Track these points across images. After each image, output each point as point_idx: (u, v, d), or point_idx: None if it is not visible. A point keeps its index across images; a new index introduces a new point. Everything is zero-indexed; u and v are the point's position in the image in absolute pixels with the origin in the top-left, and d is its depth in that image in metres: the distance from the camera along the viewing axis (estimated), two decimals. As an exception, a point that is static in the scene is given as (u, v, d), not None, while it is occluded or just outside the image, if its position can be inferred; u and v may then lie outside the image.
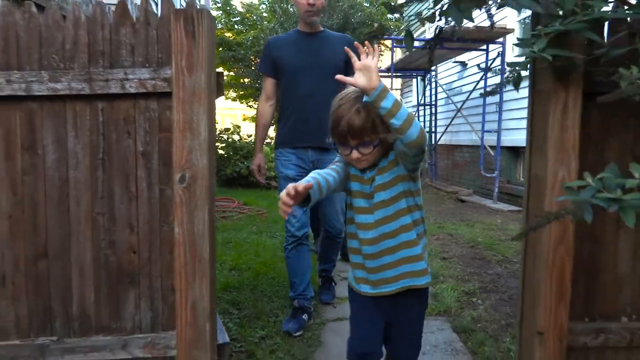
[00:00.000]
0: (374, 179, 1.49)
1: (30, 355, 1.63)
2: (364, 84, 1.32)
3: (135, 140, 1.60)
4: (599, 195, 0.87)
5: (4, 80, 1.54)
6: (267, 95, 2.78)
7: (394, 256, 1.50)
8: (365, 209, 1.52)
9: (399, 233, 1.49)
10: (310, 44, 2.74)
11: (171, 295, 1.66)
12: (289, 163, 2.73)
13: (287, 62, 2.70)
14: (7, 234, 1.62)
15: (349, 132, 1.39)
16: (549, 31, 1.02)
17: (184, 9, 1.49)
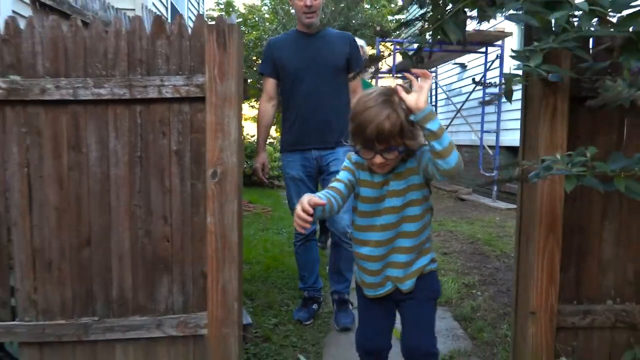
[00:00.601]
0: (388, 184, 1.50)
1: (74, 334, 1.81)
2: (411, 102, 1.32)
3: (169, 140, 1.78)
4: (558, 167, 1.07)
5: (53, 86, 1.72)
6: (268, 95, 2.79)
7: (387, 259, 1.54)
8: (371, 213, 1.53)
9: (400, 237, 1.52)
10: (310, 44, 2.73)
11: (200, 280, 1.84)
12: (295, 164, 2.76)
13: (287, 62, 2.71)
14: (54, 224, 1.80)
15: (377, 137, 1.37)
16: (543, 47, 1.20)
17: (216, 23, 1.67)
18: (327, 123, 2.65)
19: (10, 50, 1.74)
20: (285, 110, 2.79)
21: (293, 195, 2.80)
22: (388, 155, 1.41)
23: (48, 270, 1.82)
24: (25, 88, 1.72)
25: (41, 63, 1.74)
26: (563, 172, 1.21)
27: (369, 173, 1.54)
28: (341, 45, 2.76)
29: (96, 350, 1.85)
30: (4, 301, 1.83)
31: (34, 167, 1.78)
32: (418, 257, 1.56)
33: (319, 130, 2.66)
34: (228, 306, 1.74)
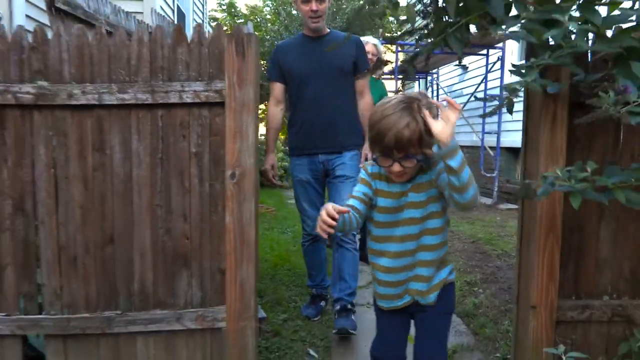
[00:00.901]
0: (407, 195, 1.50)
1: (98, 326, 1.90)
2: (436, 132, 1.31)
3: (189, 143, 1.88)
4: (561, 183, 1.16)
5: (80, 91, 1.81)
6: (276, 99, 2.81)
7: (409, 273, 1.53)
8: (389, 223, 1.53)
9: (421, 250, 1.52)
10: (316, 48, 2.71)
11: (218, 275, 1.94)
12: (302, 168, 2.79)
13: (293, 67, 2.72)
14: (79, 222, 1.90)
15: (395, 145, 1.36)
16: (539, 63, 1.29)
17: (235, 33, 1.77)
18: (333, 127, 2.68)
19: (38, 57, 1.83)
20: (292, 114, 2.83)
21: (301, 197, 2.85)
22: (406, 164, 1.40)
23: (73, 266, 1.91)
24: (53, 93, 1.81)
25: (67, 69, 1.84)
26: (566, 188, 1.29)
27: (386, 183, 1.53)
28: (347, 48, 2.73)
29: (118, 343, 1.94)
30: (31, 295, 1.93)
31: (60, 168, 1.88)
32: (439, 269, 1.56)
33: (325, 134, 2.68)
34: (246, 300, 1.84)
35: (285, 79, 2.77)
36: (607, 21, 1.47)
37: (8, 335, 1.90)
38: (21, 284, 1.91)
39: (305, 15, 2.68)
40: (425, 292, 1.54)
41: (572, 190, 1.32)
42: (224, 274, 1.92)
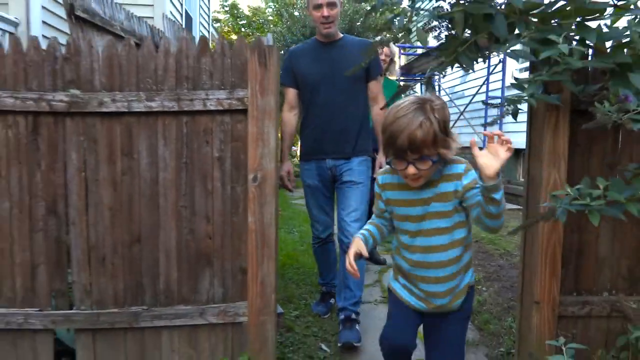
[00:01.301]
0: (430, 203, 1.49)
1: (126, 321, 2.02)
2: (484, 166, 1.29)
3: (212, 148, 1.99)
4: (574, 202, 1.26)
5: (110, 99, 1.93)
6: (290, 105, 2.85)
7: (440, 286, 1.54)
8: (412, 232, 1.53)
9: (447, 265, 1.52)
10: (328, 54, 2.73)
11: (238, 273, 2.05)
12: (311, 173, 2.82)
13: (305, 73, 2.74)
14: (108, 223, 2.01)
15: (409, 147, 1.34)
16: (537, 79, 1.41)
17: (257, 45, 1.88)
18: (343, 133, 2.70)
19: (70, 68, 1.94)
20: (304, 119, 2.86)
21: (310, 202, 2.91)
22: (421, 166, 1.38)
23: (102, 264, 2.02)
24: (85, 101, 1.93)
25: (98, 79, 1.95)
26: (584, 207, 1.39)
27: (400, 191, 1.53)
28: (359, 54, 2.59)
29: (144, 336, 2.06)
30: (62, 292, 2.04)
31: (91, 171, 1.99)
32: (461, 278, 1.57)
33: (335, 140, 2.70)
34: (266, 297, 1.96)
35: (298, 84, 2.80)
36: (604, 37, 1.59)
37: (41, 329, 2.02)
38: (53, 281, 2.03)
39: (317, 21, 2.70)
40: (448, 304, 1.55)
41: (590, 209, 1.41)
42: (244, 272, 2.03)
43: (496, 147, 1.28)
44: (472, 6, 1.63)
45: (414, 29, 1.74)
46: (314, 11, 2.68)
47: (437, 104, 1.39)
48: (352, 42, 2.84)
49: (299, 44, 3.07)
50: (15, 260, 2.00)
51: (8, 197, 1.97)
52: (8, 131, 1.95)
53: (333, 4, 2.64)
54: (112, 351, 2.06)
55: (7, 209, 1.98)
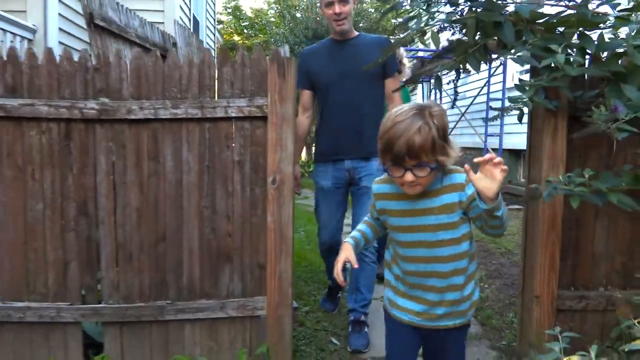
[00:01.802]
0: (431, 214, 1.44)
1: (151, 314, 2.15)
2: (481, 189, 1.29)
3: (232, 152, 2.13)
4: (562, 187, 1.41)
5: (138, 107, 2.06)
6: (303, 107, 2.80)
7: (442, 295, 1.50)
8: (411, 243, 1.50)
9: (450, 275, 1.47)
10: (343, 53, 2.67)
11: (256, 270, 2.18)
12: (326, 175, 2.76)
13: (320, 73, 2.68)
14: (135, 223, 2.14)
15: (407, 152, 1.30)
16: (536, 84, 1.55)
17: (276, 56, 2.01)
18: (360, 133, 2.62)
19: (100, 77, 2.08)
20: (320, 120, 2.82)
21: (320, 206, 2.85)
22: (419, 173, 1.34)
23: (129, 262, 2.16)
24: (114, 109, 2.06)
25: (127, 88, 2.09)
26: (567, 191, 1.55)
27: (397, 201, 1.50)
28: (375, 51, 2.52)
29: (168, 329, 2.19)
30: (92, 288, 2.18)
31: (119, 175, 2.13)
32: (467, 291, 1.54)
33: (353, 141, 2.63)
34: (284, 291, 2.09)
35: (313, 85, 2.75)
36: (603, 47, 1.73)
37: (71, 322, 2.15)
38: (83, 277, 2.16)
39: (330, 18, 2.65)
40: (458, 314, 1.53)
41: (572, 193, 1.58)
42: (262, 269, 2.17)
43: (491, 169, 1.27)
44: (483, 14, 1.78)
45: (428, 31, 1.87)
46: (326, 9, 2.64)
47: (436, 110, 1.36)
48: (367, 39, 2.76)
49: (313, 45, 2.99)
50: (48, 258, 2.14)
51: (42, 199, 2.11)
52: (42, 137, 2.09)
53: (345, 0, 2.59)
54: (138, 343, 2.19)
55: (41, 210, 2.12)
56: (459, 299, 1.50)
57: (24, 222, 2.11)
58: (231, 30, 16.07)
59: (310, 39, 12.92)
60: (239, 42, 15.89)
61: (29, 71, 2.06)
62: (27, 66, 2.05)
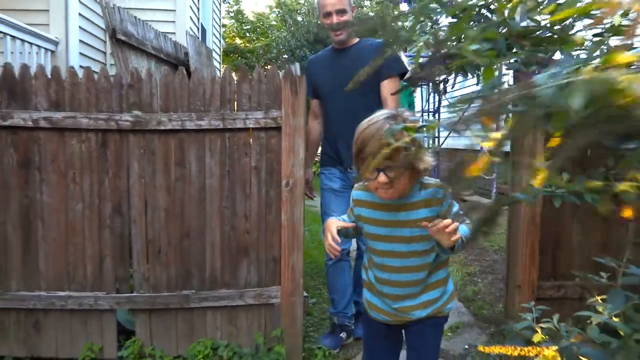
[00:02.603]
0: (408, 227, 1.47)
1: (178, 302, 2.43)
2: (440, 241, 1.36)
3: (250, 159, 2.40)
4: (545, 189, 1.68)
5: (167, 119, 2.34)
6: (314, 114, 2.86)
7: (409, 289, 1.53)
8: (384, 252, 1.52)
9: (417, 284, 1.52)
10: (341, 61, 2.68)
11: (271, 263, 2.46)
12: (334, 177, 2.75)
13: (321, 83, 2.74)
14: (163, 221, 2.42)
15: (379, 151, 1.25)
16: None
17: (289, 74, 2.29)
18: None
19: (134, 93, 2.35)
20: (324, 127, 2.86)
21: (327, 209, 2.76)
22: (392, 174, 1.35)
23: (158, 256, 2.43)
24: (146, 120, 2.34)
25: (157, 102, 2.36)
26: (550, 193, 1.82)
27: (373, 210, 1.52)
28: (370, 57, 2.62)
29: (193, 316, 2.47)
30: (125, 279, 2.45)
31: (149, 178, 2.40)
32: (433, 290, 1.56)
33: (349, 149, 2.34)
34: (296, 281, 2.37)
35: (317, 94, 2.80)
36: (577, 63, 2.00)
37: (107, 309, 2.43)
38: (117, 269, 2.44)
39: (328, 28, 2.82)
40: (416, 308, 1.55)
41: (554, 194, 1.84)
42: (276, 262, 2.44)
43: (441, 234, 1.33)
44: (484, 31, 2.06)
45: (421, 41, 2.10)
46: (324, 19, 2.69)
47: (408, 115, 1.41)
48: (365, 46, 2.70)
49: (317, 53, 3.04)
50: (86, 252, 2.41)
51: (81, 200, 2.39)
52: (82, 145, 2.36)
53: (342, 10, 2.62)
54: (165, 328, 2.47)
55: (80, 210, 2.39)
56: (428, 301, 1.53)
57: (66, 221, 2.39)
58: (233, 33, 16.33)
59: (311, 43, 13.19)
60: (241, 45, 16.15)
61: (71, 88, 2.33)
62: (69, 83, 2.33)
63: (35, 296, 2.38)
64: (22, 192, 2.37)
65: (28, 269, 2.40)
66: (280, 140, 2.34)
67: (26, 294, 2.38)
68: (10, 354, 2.44)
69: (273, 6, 15.75)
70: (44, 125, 2.32)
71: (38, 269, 2.40)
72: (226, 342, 2.46)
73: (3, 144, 2.33)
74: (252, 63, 14.62)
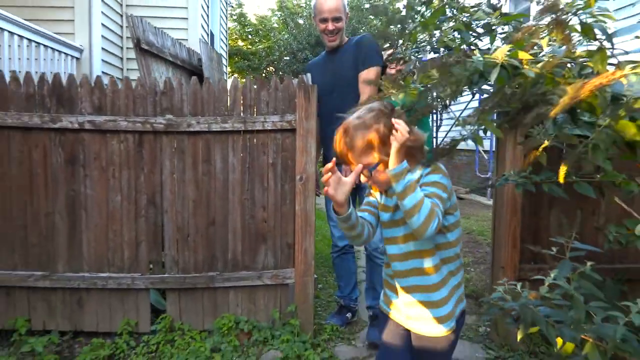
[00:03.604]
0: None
1: (204, 282, 2.77)
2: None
3: (267, 156, 2.74)
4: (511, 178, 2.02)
5: (195, 122, 2.68)
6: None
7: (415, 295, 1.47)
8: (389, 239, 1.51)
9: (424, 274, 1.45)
10: (330, 64, 2.84)
11: (285, 248, 2.80)
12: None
13: (317, 86, 2.74)
14: (192, 211, 2.76)
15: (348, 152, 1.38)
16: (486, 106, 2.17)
17: (302, 84, 2.63)
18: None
19: (166, 99, 2.70)
20: (320, 129, 2.90)
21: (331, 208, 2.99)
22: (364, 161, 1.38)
23: (186, 241, 2.78)
24: (177, 123, 2.68)
25: (186, 107, 2.70)
26: (513, 182, 2.17)
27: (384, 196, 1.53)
28: (350, 55, 2.74)
29: (217, 294, 2.81)
30: (157, 262, 2.80)
31: (179, 174, 2.75)
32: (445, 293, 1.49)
33: None
34: (308, 263, 2.71)
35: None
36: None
37: (142, 289, 2.77)
38: (151, 253, 2.78)
39: (322, 32, 2.83)
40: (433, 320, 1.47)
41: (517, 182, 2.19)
42: (290, 247, 2.78)
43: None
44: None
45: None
46: (320, 23, 2.81)
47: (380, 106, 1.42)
48: (349, 45, 2.83)
49: (315, 57, 3.17)
50: (124, 238, 2.75)
51: (120, 193, 2.73)
52: (121, 145, 2.71)
53: (338, 18, 2.78)
54: (192, 306, 2.81)
55: (119, 201, 2.74)
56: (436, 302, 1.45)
57: (106, 211, 2.73)
58: (236, 36, 16.67)
59: (312, 45, 13.53)
60: (244, 47, 16.48)
61: (112, 94, 2.68)
62: (110, 91, 2.68)
63: (79, 277, 2.72)
64: (68, 186, 2.71)
65: (73, 253, 2.74)
66: (294, 141, 2.69)
67: (71, 275, 2.73)
68: (56, 329, 2.78)
69: (275, 9, 16.08)
70: (88, 128, 2.66)
71: (82, 253, 2.74)
72: (246, 317, 2.80)
73: (52, 144, 2.68)
74: (255, 65, 14.95)
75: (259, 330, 2.73)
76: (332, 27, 2.76)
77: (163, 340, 2.69)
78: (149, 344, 2.66)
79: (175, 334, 2.73)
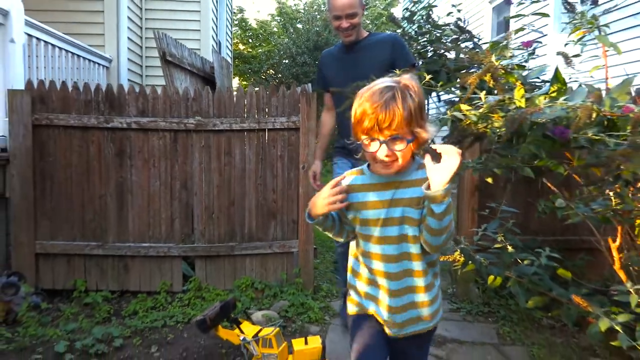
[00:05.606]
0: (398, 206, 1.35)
1: (225, 251, 3.46)
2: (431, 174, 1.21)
3: (277, 150, 3.44)
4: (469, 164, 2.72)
5: (219, 122, 3.37)
6: (327, 106, 2.93)
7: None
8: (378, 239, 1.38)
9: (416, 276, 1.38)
10: (350, 57, 2.75)
11: (291, 223, 3.49)
12: (345, 166, 2.71)
13: (331, 79, 2.80)
14: (216, 194, 3.45)
15: (378, 122, 1.22)
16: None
17: (305, 91, 3.32)
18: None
19: (195, 104, 3.39)
20: (337, 121, 2.90)
21: None
22: (395, 146, 1.26)
23: (211, 218, 3.47)
24: (204, 123, 3.37)
25: (212, 110, 3.39)
26: (470, 167, 2.87)
27: (366, 192, 1.39)
28: (381, 51, 2.66)
29: (236, 261, 3.50)
30: (188, 234, 3.48)
31: (206, 164, 3.43)
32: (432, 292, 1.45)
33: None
34: (308, 235, 3.41)
35: (330, 87, 2.80)
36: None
37: (176, 256, 3.46)
38: (183, 228, 3.47)
39: (337, 29, 2.72)
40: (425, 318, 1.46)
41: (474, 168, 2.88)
42: (294, 223, 3.47)
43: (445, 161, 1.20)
44: (430, 65, 3.11)
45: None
46: (334, 21, 2.70)
47: (414, 84, 1.29)
48: (374, 40, 2.75)
49: (330, 48, 3.09)
50: (161, 216, 3.44)
51: (158, 179, 3.42)
52: (159, 141, 3.39)
53: (353, 14, 2.65)
54: (216, 270, 3.50)
55: (158, 186, 3.42)
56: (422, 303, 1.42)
57: (148, 193, 3.42)
58: (237, 40, 17.34)
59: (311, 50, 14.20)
60: (244, 51, 17.16)
61: (152, 100, 3.37)
62: (151, 97, 3.36)
63: (126, 246, 3.41)
64: (117, 173, 3.39)
65: (121, 227, 3.43)
66: (298, 137, 3.39)
67: (120, 244, 3.41)
68: (107, 289, 3.46)
69: (275, 15, 16.75)
70: (134, 127, 3.35)
71: (127, 227, 3.43)
72: (259, 280, 3.49)
73: (105, 140, 3.36)
74: (255, 68, 15.62)
75: (270, 288, 3.42)
76: (346, 25, 2.65)
77: (193, 297, 3.37)
78: (182, 299, 3.35)
79: (202, 292, 3.42)
